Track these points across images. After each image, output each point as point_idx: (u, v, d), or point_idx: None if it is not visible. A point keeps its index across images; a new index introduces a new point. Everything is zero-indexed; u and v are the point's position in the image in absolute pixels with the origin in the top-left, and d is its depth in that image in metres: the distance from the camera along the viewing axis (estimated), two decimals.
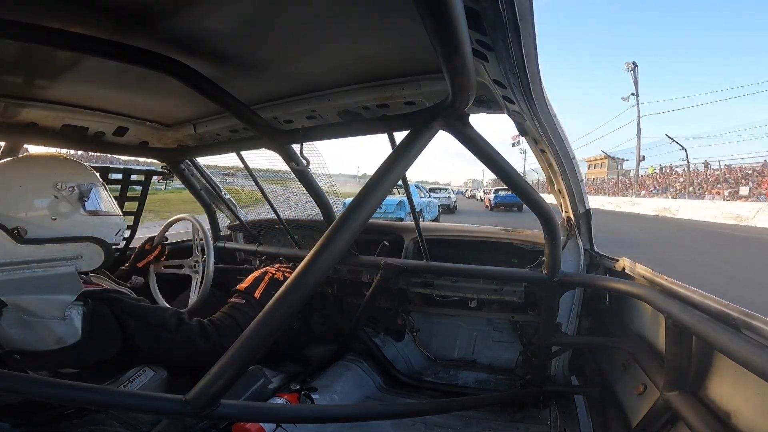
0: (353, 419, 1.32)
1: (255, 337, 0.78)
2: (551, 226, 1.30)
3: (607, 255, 1.62)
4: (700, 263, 6.94)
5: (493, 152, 1.01)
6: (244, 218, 2.41)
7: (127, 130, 1.64)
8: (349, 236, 0.81)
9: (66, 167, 1.15)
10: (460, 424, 1.57)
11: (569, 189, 1.50)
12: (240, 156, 1.80)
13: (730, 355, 0.78)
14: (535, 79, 0.83)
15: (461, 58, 0.66)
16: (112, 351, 1.06)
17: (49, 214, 1.07)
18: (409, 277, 1.80)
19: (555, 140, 1.20)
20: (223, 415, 0.82)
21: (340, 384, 1.69)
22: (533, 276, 1.50)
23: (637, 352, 1.29)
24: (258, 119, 1.27)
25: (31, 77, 1.18)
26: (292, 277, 0.78)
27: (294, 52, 1.02)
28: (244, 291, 1.34)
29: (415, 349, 2.09)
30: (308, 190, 1.69)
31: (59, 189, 1.09)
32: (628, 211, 22.30)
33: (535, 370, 1.63)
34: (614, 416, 1.36)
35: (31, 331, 0.96)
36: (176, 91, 1.26)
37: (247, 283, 1.37)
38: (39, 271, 1.01)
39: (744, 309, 0.82)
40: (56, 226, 1.07)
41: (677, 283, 1.09)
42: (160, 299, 1.61)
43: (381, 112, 1.26)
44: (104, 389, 0.90)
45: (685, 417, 0.93)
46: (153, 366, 1.24)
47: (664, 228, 13.60)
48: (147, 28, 0.90)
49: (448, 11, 0.55)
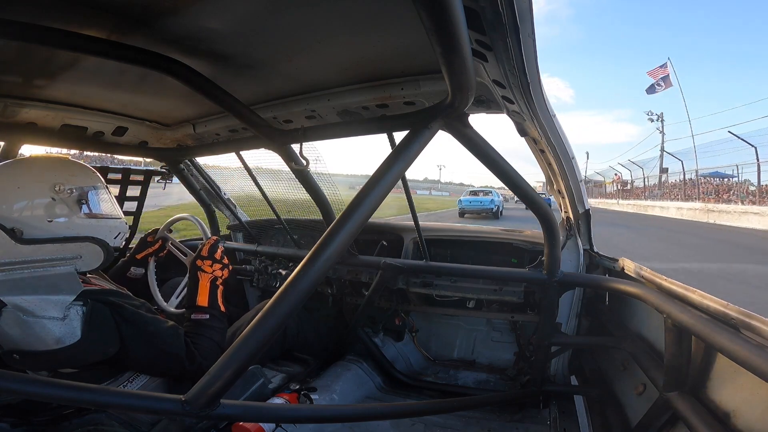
0: (353, 419, 1.32)
1: (254, 337, 0.77)
2: (550, 226, 1.30)
3: (606, 255, 1.62)
4: None
5: (492, 152, 1.01)
6: (243, 218, 2.41)
7: (126, 129, 1.64)
8: (349, 236, 0.81)
9: (66, 169, 1.15)
10: (459, 424, 1.57)
11: (569, 189, 1.50)
12: (239, 156, 1.80)
13: (729, 355, 0.77)
14: (535, 79, 0.83)
15: (460, 58, 0.66)
16: (111, 351, 1.06)
17: (45, 216, 1.07)
18: (408, 277, 1.80)
19: (554, 140, 1.20)
20: (223, 415, 0.82)
21: (339, 384, 1.69)
22: (533, 276, 1.50)
23: (637, 352, 1.29)
24: (257, 119, 1.27)
25: (31, 77, 1.18)
26: (291, 277, 0.78)
27: (293, 51, 1.02)
28: (209, 306, 1.30)
29: (414, 349, 2.08)
30: (308, 190, 1.69)
31: (57, 191, 1.09)
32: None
33: (535, 370, 1.63)
34: (614, 416, 1.36)
35: (30, 331, 0.96)
36: (176, 90, 1.26)
37: (202, 295, 1.32)
38: (38, 271, 1.01)
39: (743, 309, 0.83)
40: (52, 227, 1.07)
41: (676, 283, 1.09)
42: (156, 293, 1.60)
43: (380, 112, 1.25)
44: (104, 389, 0.90)
45: (684, 417, 0.93)
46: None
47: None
48: (146, 28, 0.90)
49: (448, 11, 0.55)
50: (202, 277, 1.33)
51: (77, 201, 1.13)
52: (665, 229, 13.71)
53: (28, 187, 1.07)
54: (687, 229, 13.91)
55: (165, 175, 2.10)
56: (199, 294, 1.31)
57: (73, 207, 1.12)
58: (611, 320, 1.60)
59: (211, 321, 1.28)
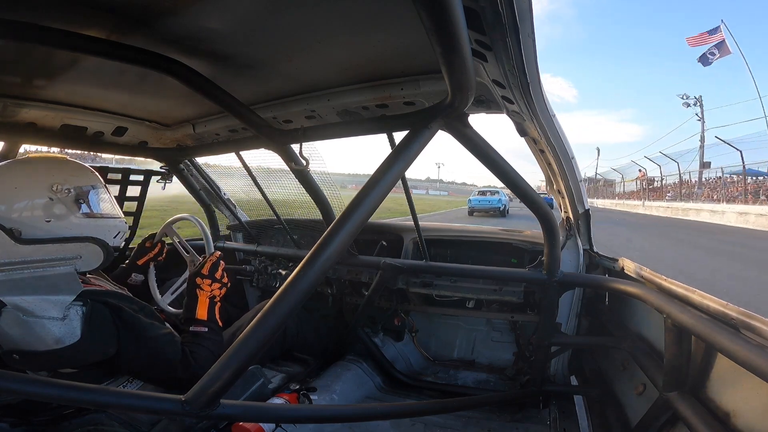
0: (353, 419, 1.32)
1: (254, 337, 0.77)
2: (550, 226, 1.30)
3: (606, 255, 1.62)
4: None
5: (492, 152, 1.01)
6: (243, 218, 2.41)
7: (126, 129, 1.64)
8: (349, 236, 0.81)
9: (65, 169, 1.15)
10: (459, 424, 1.57)
11: (569, 189, 1.50)
12: (239, 156, 1.80)
13: (729, 355, 0.77)
14: (535, 79, 0.83)
15: (460, 58, 0.66)
16: (110, 351, 1.07)
17: (43, 216, 1.07)
18: (408, 277, 1.80)
19: (554, 140, 1.20)
20: (223, 415, 0.82)
21: (339, 384, 1.69)
22: (533, 276, 1.50)
23: (637, 352, 1.29)
24: (257, 119, 1.27)
25: (30, 77, 1.18)
26: (291, 277, 0.78)
27: (293, 51, 1.02)
28: (207, 319, 1.33)
29: (414, 349, 2.09)
30: (307, 190, 1.69)
31: (55, 191, 1.09)
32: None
33: (535, 370, 1.63)
34: (614, 416, 1.36)
35: (30, 331, 0.96)
36: (175, 91, 1.26)
37: (201, 310, 1.34)
38: (38, 271, 1.01)
39: (743, 309, 0.83)
40: (50, 227, 1.07)
41: (676, 283, 1.09)
42: (158, 298, 1.60)
43: (380, 112, 1.25)
44: (104, 389, 0.90)
45: (684, 417, 0.93)
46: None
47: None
48: (146, 28, 0.90)
49: (448, 11, 0.55)
50: (201, 295, 1.36)
51: (75, 201, 1.13)
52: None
53: (25, 188, 1.07)
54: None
55: (165, 175, 2.09)
56: (198, 308, 1.34)
57: (71, 207, 1.12)
58: (611, 320, 1.60)
59: (209, 333, 1.30)
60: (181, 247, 1.65)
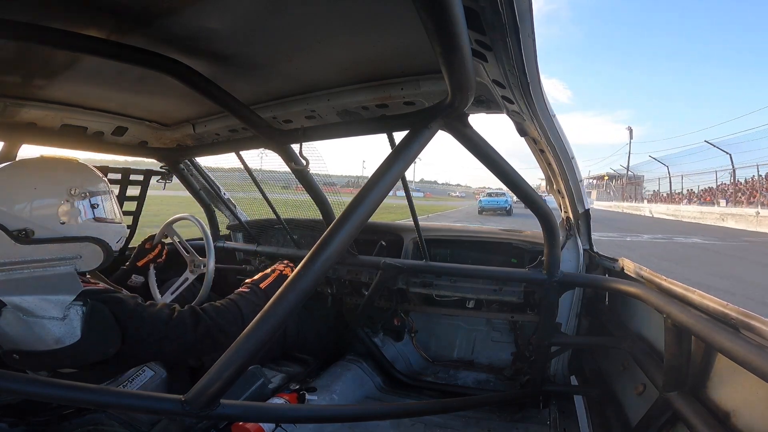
0: (353, 419, 1.32)
1: (254, 337, 0.78)
2: (550, 226, 1.30)
3: (606, 255, 1.62)
4: None
5: (492, 152, 1.01)
6: (243, 218, 2.41)
7: (126, 129, 1.64)
8: (348, 236, 0.81)
9: (81, 173, 1.16)
10: (459, 424, 1.57)
11: (569, 189, 1.50)
12: (239, 156, 1.80)
13: (729, 355, 0.77)
14: (535, 79, 0.83)
15: (460, 57, 0.66)
16: (110, 351, 1.06)
17: (58, 218, 1.07)
18: (408, 277, 1.80)
19: (554, 140, 1.20)
20: (223, 415, 0.82)
21: (339, 384, 1.69)
22: (532, 276, 1.50)
23: (637, 352, 1.29)
24: (257, 119, 1.27)
25: (30, 77, 1.18)
26: (291, 277, 0.78)
27: (293, 51, 1.02)
28: (252, 282, 1.40)
29: (414, 349, 2.09)
30: (307, 190, 1.69)
31: (72, 194, 1.10)
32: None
33: (535, 370, 1.63)
34: (614, 416, 1.37)
35: (30, 331, 0.95)
36: (175, 90, 1.26)
37: (257, 277, 1.44)
38: (38, 271, 1.01)
39: (743, 309, 0.83)
40: (63, 229, 1.07)
41: (676, 283, 1.09)
42: (158, 299, 1.60)
43: (380, 112, 1.25)
44: (104, 389, 0.90)
45: (684, 417, 0.93)
46: (152, 366, 1.24)
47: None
48: (146, 28, 0.90)
49: (447, 11, 0.55)
50: (269, 269, 1.50)
51: (90, 205, 1.13)
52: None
53: (45, 188, 1.07)
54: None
55: (165, 175, 2.10)
56: (256, 276, 1.45)
57: (85, 210, 1.12)
58: (611, 320, 1.60)
59: (246, 293, 1.34)
60: (181, 247, 1.65)
